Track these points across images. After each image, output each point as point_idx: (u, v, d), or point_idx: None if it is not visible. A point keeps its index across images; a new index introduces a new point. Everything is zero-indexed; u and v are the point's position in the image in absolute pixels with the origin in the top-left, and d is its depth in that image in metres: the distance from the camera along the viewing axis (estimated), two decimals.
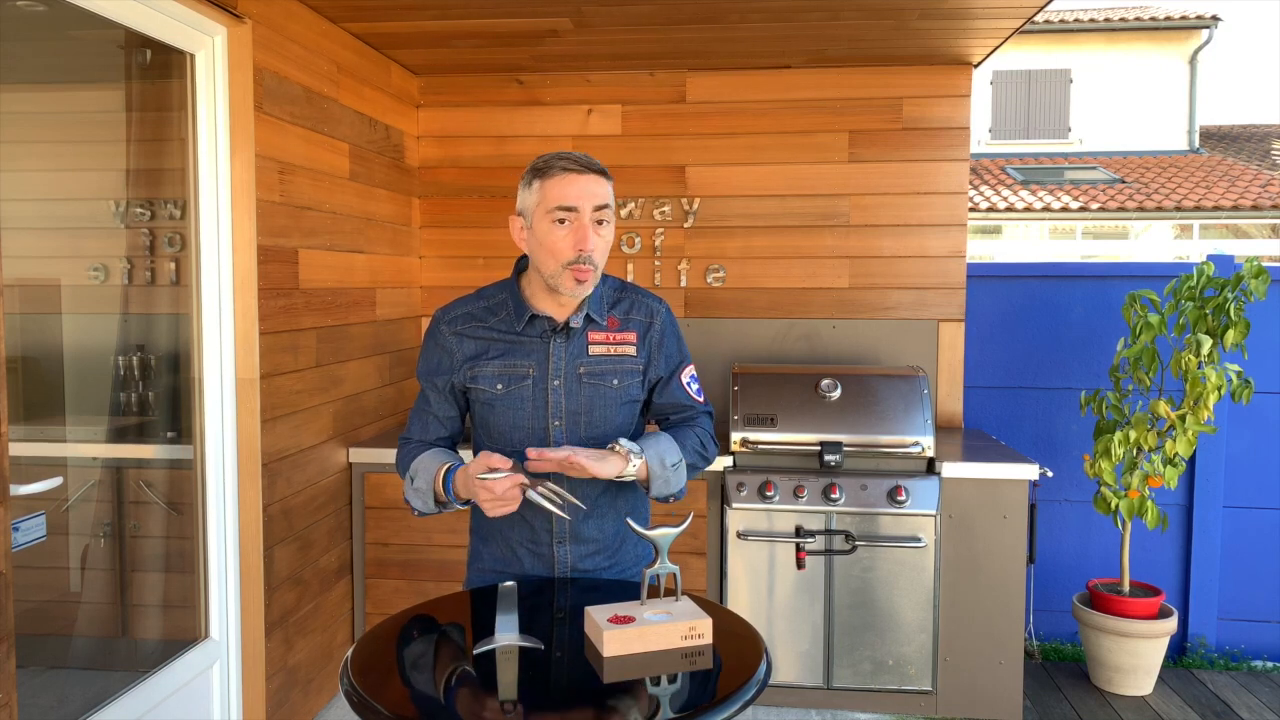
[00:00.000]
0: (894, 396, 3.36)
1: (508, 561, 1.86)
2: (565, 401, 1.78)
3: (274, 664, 2.90)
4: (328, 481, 3.27)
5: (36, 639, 2.23)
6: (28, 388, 2.17)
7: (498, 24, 3.28)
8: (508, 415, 1.79)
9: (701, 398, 1.93)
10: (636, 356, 1.83)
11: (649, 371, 1.85)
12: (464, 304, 1.86)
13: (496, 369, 1.79)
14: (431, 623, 1.66)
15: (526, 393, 1.78)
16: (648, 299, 1.88)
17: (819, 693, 3.29)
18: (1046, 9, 3.44)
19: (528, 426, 1.79)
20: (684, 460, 1.80)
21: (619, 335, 1.82)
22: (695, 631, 1.50)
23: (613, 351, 1.81)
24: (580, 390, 1.78)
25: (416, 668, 1.49)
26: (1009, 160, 14.29)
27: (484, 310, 1.84)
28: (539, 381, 1.78)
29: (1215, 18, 13.98)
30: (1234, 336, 3.28)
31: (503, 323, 1.81)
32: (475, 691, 1.40)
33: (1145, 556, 3.92)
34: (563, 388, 1.78)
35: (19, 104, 2.21)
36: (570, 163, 1.70)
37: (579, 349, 1.79)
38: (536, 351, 1.79)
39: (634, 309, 1.86)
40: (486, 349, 1.81)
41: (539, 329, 1.79)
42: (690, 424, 1.90)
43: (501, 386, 1.79)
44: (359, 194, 3.45)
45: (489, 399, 1.80)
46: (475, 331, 1.82)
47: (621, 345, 1.82)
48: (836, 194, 3.90)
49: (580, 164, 1.71)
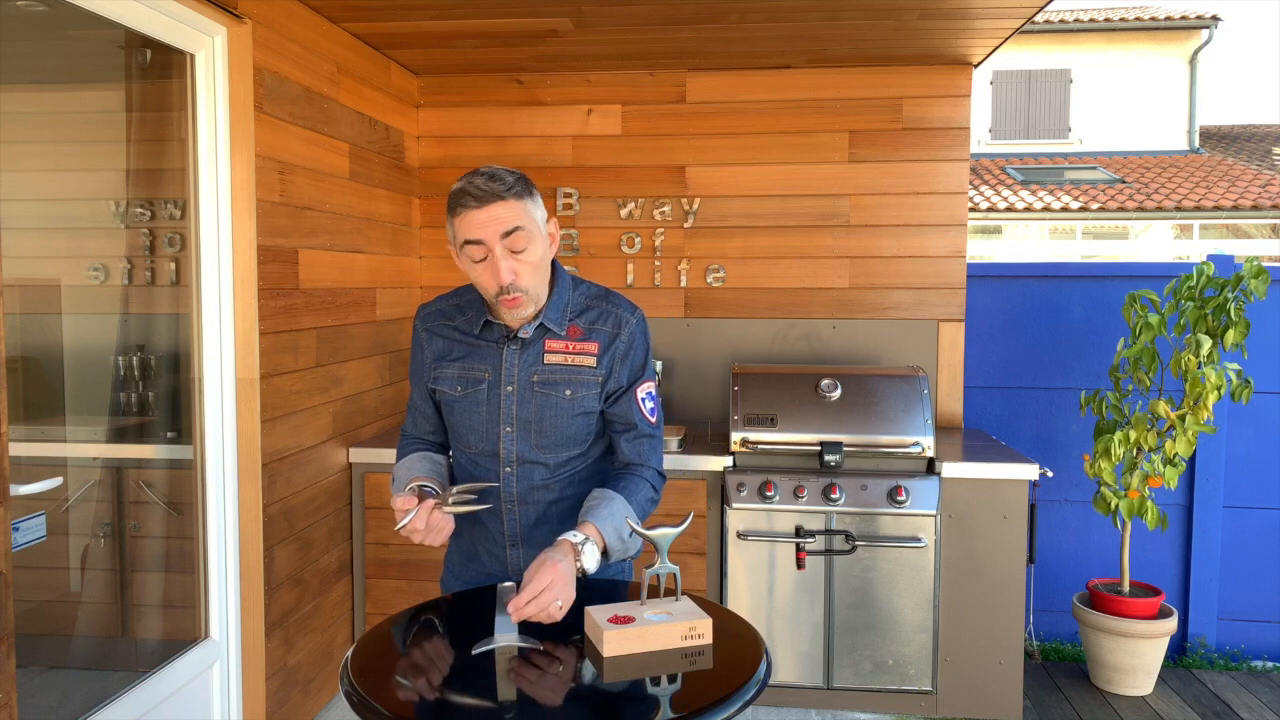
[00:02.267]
0: (894, 396, 3.36)
1: (470, 558, 1.92)
2: (517, 409, 1.78)
3: (274, 664, 2.90)
4: (328, 481, 3.27)
5: (36, 639, 2.23)
6: (28, 388, 2.17)
7: (498, 24, 3.28)
8: (464, 418, 1.81)
9: (654, 418, 1.85)
10: (595, 367, 1.78)
11: (608, 383, 1.79)
12: (440, 301, 1.91)
13: (456, 371, 1.82)
14: (432, 623, 1.66)
15: (482, 397, 1.79)
16: (619, 309, 1.83)
17: (819, 693, 3.29)
18: (1046, 9, 3.44)
19: (481, 430, 1.80)
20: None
21: (578, 345, 1.78)
22: (695, 631, 1.50)
23: (569, 361, 1.77)
24: (532, 399, 1.77)
25: (416, 668, 1.49)
26: (1009, 160, 14.28)
27: (454, 308, 1.87)
28: (493, 387, 1.79)
29: (1215, 18, 13.98)
30: (1234, 336, 3.28)
31: (467, 323, 1.83)
32: (475, 692, 1.40)
33: (1145, 556, 3.92)
34: (515, 395, 1.77)
35: (19, 104, 2.21)
36: (470, 198, 1.62)
37: (534, 357, 1.78)
38: (492, 357, 1.79)
39: (601, 319, 1.80)
40: (450, 349, 1.83)
41: (495, 334, 1.80)
42: (638, 470, 1.82)
43: (460, 389, 1.81)
44: (359, 194, 3.45)
45: (449, 401, 1.83)
46: (443, 330, 1.85)
47: (580, 355, 1.78)
48: (836, 194, 3.90)
49: (478, 197, 1.62)
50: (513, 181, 1.66)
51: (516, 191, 1.66)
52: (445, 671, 1.47)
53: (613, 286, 3.98)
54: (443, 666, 1.49)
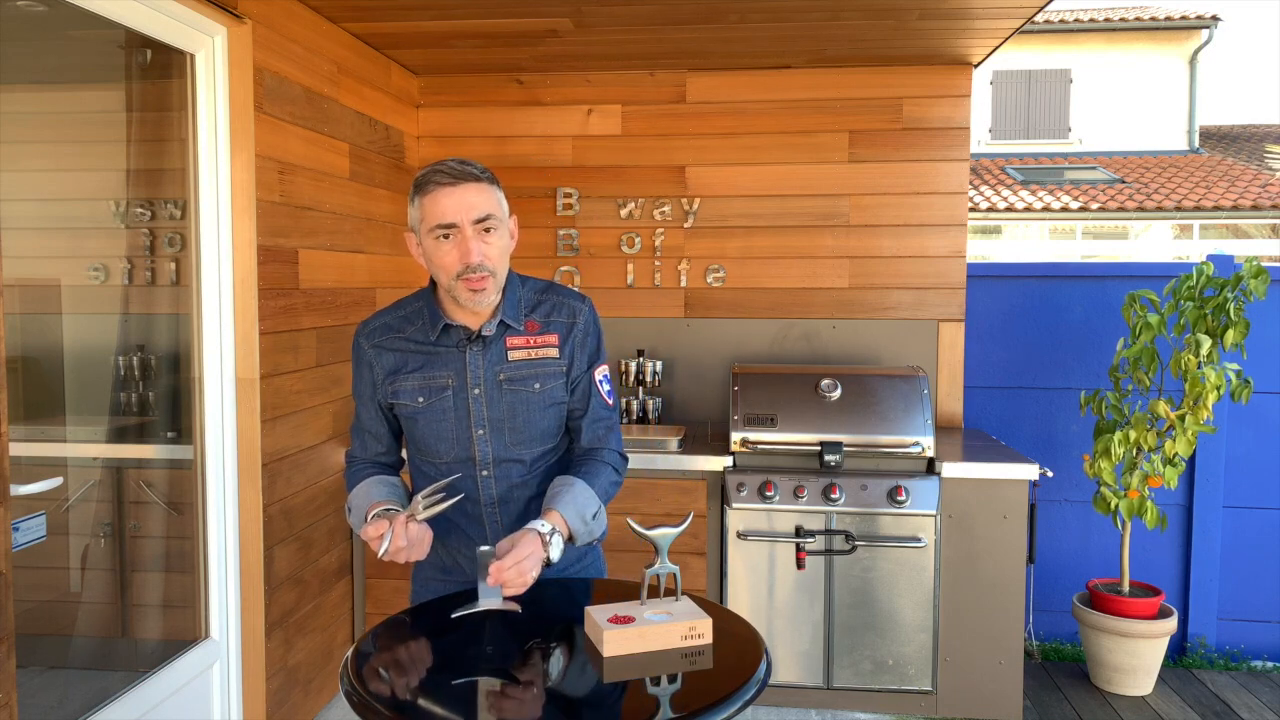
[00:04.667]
0: (894, 396, 3.36)
1: (449, 569, 1.87)
2: (487, 410, 1.76)
3: (274, 664, 2.90)
4: (328, 481, 3.27)
5: (36, 639, 2.23)
6: (28, 388, 2.17)
7: (498, 24, 3.28)
8: (431, 427, 1.78)
9: (612, 400, 1.88)
10: (559, 358, 1.79)
11: (571, 371, 1.82)
12: (381, 316, 1.85)
13: (416, 382, 1.78)
14: (432, 622, 1.66)
15: (448, 404, 1.77)
16: (570, 299, 1.84)
17: (819, 693, 3.29)
18: (1046, 9, 3.44)
19: (452, 437, 1.78)
20: (602, 506, 1.79)
21: (539, 339, 1.79)
22: (695, 631, 1.50)
23: (533, 355, 1.78)
24: (501, 397, 1.76)
25: (417, 668, 1.49)
26: (1009, 160, 14.28)
27: (401, 320, 1.82)
28: (459, 391, 1.76)
29: (1215, 18, 13.98)
30: (1234, 336, 3.28)
31: (420, 332, 1.79)
32: (475, 692, 1.40)
33: (1145, 556, 3.92)
34: (484, 396, 1.76)
35: (19, 104, 2.21)
36: (444, 176, 1.64)
37: (498, 355, 1.77)
38: (454, 361, 1.77)
39: (555, 310, 1.82)
40: (405, 362, 1.79)
41: (454, 338, 1.77)
42: (598, 454, 1.85)
43: (423, 399, 1.78)
44: (359, 194, 3.45)
45: (411, 413, 1.79)
46: (392, 343, 1.80)
47: (543, 348, 1.79)
48: (836, 194, 3.90)
49: (453, 175, 1.64)
50: (483, 169, 1.69)
51: (489, 178, 1.69)
52: (445, 672, 1.47)
53: (613, 286, 4.02)
54: (443, 666, 1.49)
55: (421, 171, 1.68)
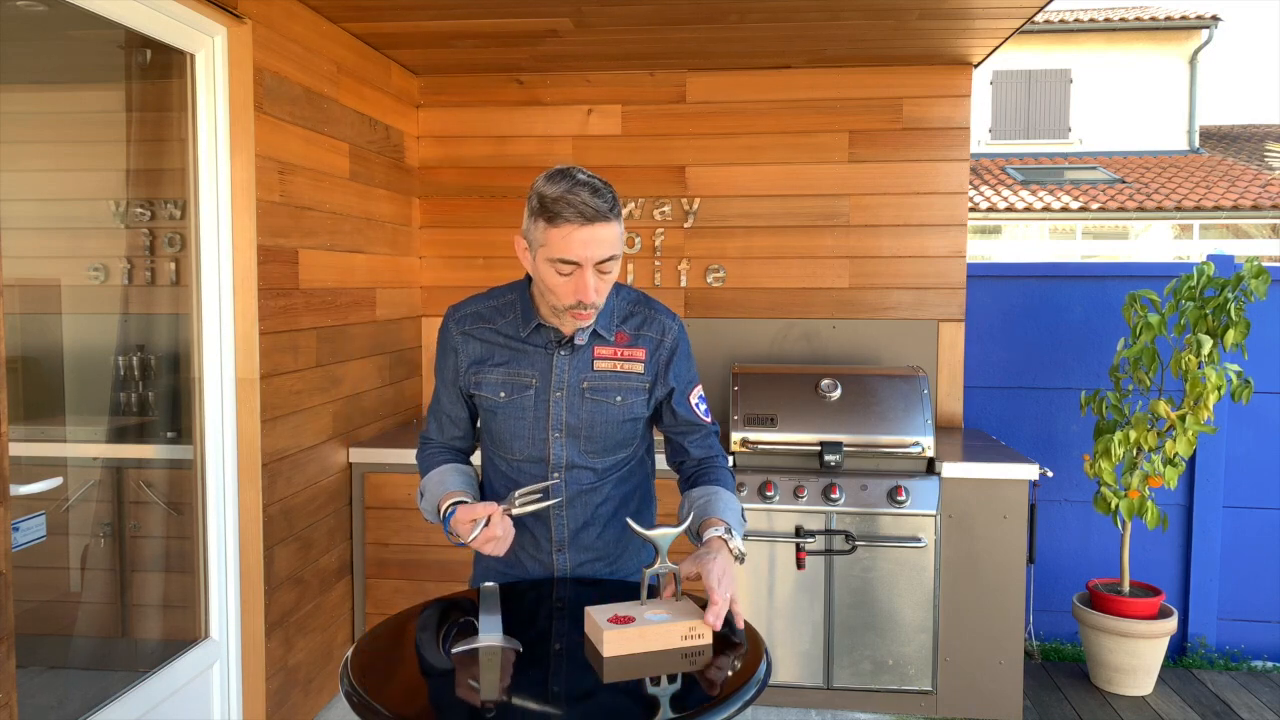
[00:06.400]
0: (894, 396, 3.36)
1: (511, 564, 1.87)
2: (566, 415, 1.76)
3: (274, 664, 2.90)
4: (328, 481, 3.27)
5: (36, 639, 2.23)
6: (28, 388, 2.16)
7: (498, 24, 3.28)
8: (509, 424, 1.78)
9: (709, 418, 1.90)
10: (643, 374, 1.78)
11: (655, 389, 1.80)
12: (474, 303, 1.83)
13: (500, 376, 1.77)
14: (432, 623, 1.66)
15: (529, 403, 1.76)
16: (662, 315, 1.83)
17: (819, 693, 3.29)
18: (1046, 9, 3.44)
19: (527, 436, 1.78)
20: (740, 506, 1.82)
21: (627, 351, 1.78)
22: (695, 631, 1.50)
23: (619, 368, 1.77)
24: (582, 405, 1.76)
25: (416, 668, 1.49)
26: (1009, 160, 14.29)
27: (492, 310, 1.81)
28: (541, 392, 1.76)
29: (1215, 18, 13.98)
30: (1234, 336, 3.28)
31: (510, 325, 1.78)
32: (475, 692, 1.40)
33: (1145, 556, 3.92)
34: (564, 401, 1.75)
35: (19, 104, 2.21)
36: (578, 215, 1.55)
37: (584, 363, 1.76)
38: (540, 361, 1.76)
39: (646, 325, 1.80)
40: (492, 354, 1.78)
41: (544, 339, 1.76)
42: (715, 460, 1.87)
43: (504, 395, 1.77)
44: (359, 194, 3.45)
45: (492, 406, 1.79)
46: (482, 332, 1.79)
47: (629, 362, 1.78)
48: (836, 194, 3.90)
49: (587, 214, 1.55)
50: (612, 200, 1.60)
51: (617, 212, 1.62)
52: (445, 672, 1.47)
53: None
54: (443, 667, 1.49)
55: (552, 189, 1.58)
